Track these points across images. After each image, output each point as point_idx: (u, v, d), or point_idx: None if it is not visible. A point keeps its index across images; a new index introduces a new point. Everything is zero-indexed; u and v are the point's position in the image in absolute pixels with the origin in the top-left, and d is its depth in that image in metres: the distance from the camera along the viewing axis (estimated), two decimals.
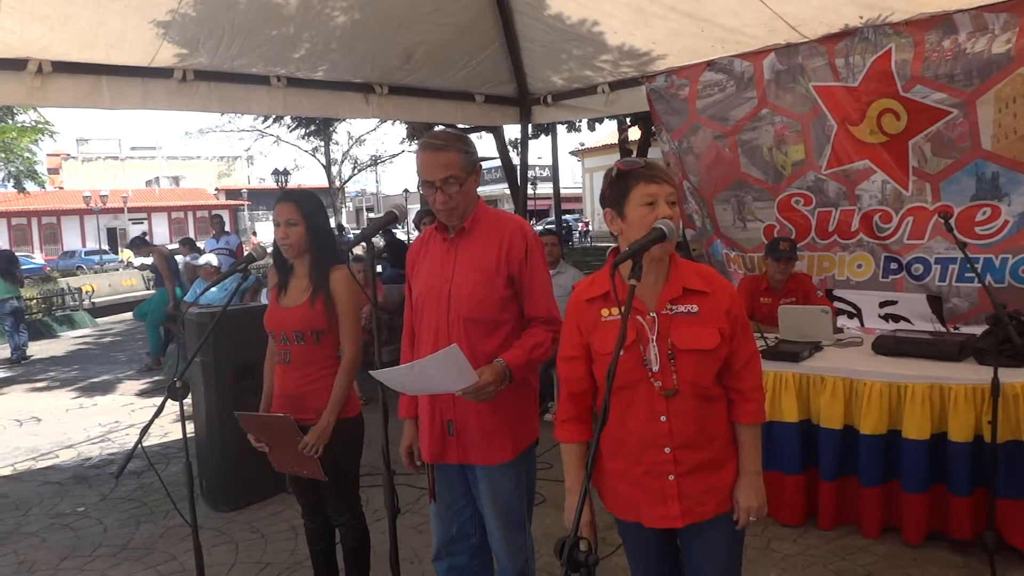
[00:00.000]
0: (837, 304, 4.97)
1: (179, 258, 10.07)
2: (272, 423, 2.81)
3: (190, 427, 4.63)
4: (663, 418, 1.96)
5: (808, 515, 3.92)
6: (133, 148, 53.96)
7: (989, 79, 4.00)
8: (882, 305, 4.83)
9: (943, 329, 4.41)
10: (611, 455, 2.05)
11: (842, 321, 4.91)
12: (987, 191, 4.23)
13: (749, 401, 2.05)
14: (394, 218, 2.37)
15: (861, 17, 4.32)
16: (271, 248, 3.04)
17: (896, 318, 4.75)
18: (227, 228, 11.86)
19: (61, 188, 46.01)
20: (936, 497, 3.56)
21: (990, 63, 3.98)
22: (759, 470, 2.06)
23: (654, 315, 1.97)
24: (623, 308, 1.67)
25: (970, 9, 3.96)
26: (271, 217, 3.13)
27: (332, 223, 4.64)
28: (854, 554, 3.59)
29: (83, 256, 35.64)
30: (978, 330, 3.91)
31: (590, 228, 39.23)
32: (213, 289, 6.74)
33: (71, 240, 41.65)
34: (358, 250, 6.17)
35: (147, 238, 10.46)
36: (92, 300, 16.59)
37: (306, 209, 2.80)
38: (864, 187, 4.71)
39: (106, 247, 38.95)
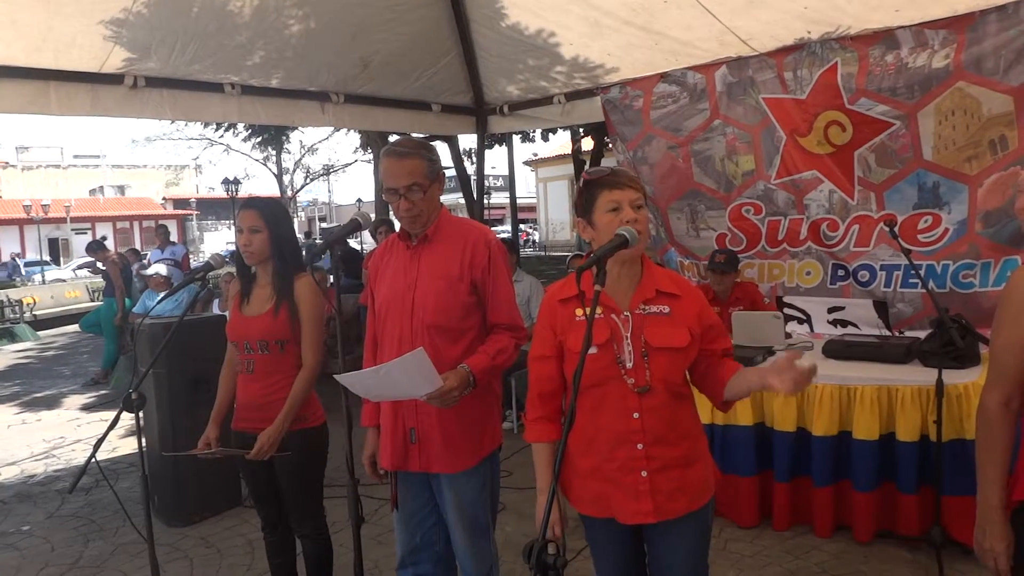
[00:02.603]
0: (787, 310, 5.09)
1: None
2: (209, 458, 2.83)
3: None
4: (636, 415, 1.99)
5: (763, 516, 4.00)
6: (76, 156, 52.29)
7: (929, 92, 4.16)
8: (830, 311, 4.96)
9: (889, 333, 4.56)
10: (582, 453, 2.07)
11: (792, 327, 5.03)
12: (928, 200, 4.38)
13: (734, 368, 2.11)
14: (358, 226, 2.37)
15: (809, 32, 4.46)
16: (226, 255, 3.02)
17: (844, 323, 4.89)
18: (174, 239, 11.61)
19: None
20: (885, 495, 3.68)
21: (930, 77, 4.13)
22: None
23: (628, 314, 2.02)
24: (587, 312, 1.70)
25: (911, 26, 4.12)
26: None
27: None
28: (808, 553, 3.68)
29: (23, 267, 34.44)
30: (922, 334, 4.06)
31: (531, 237, 39.36)
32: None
33: (10, 250, 40.23)
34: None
35: (105, 242, 10.18)
36: (34, 313, 16.07)
37: (270, 216, 2.78)
38: (812, 196, 4.84)
39: (47, 258, 37.75)
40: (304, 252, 2.88)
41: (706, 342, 2.09)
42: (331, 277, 6.71)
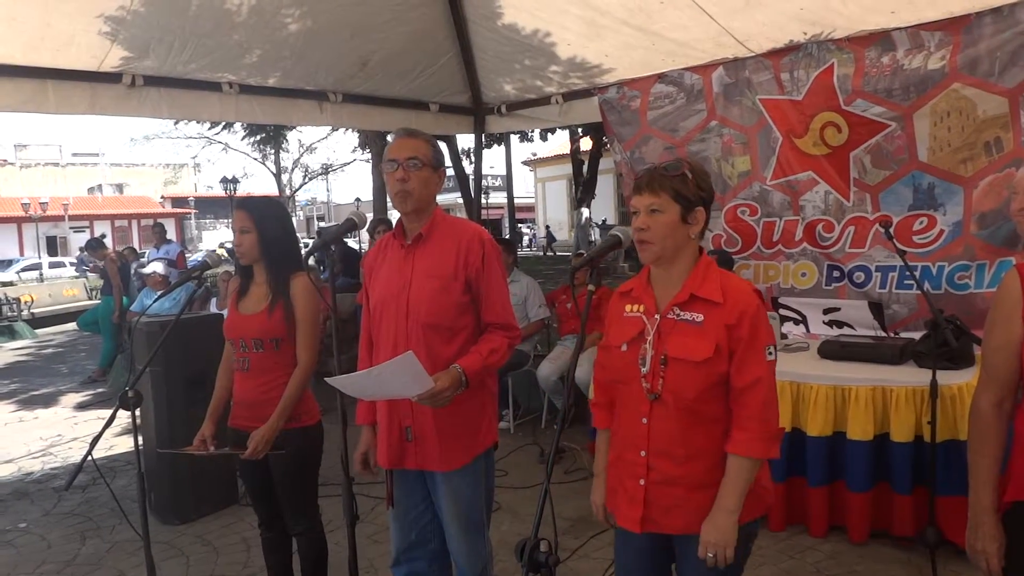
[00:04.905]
0: (782, 311, 5.10)
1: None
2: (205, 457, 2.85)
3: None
4: (644, 420, 1.95)
5: None
6: (75, 154, 52.29)
7: (925, 94, 4.17)
8: (826, 312, 4.97)
9: (884, 334, 4.57)
10: (611, 446, 2.11)
11: (787, 327, 5.04)
12: (923, 201, 4.38)
13: (742, 430, 1.89)
14: (353, 225, 2.37)
15: (805, 33, 4.47)
16: (213, 250, 3.05)
17: (839, 324, 4.90)
18: (170, 237, 11.61)
19: None
20: (879, 496, 3.69)
21: (926, 78, 4.14)
22: (733, 509, 1.86)
23: (658, 316, 1.98)
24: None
25: (907, 27, 4.13)
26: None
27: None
28: (803, 552, 3.69)
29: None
30: (917, 335, 4.07)
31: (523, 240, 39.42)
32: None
33: (8, 249, 40.19)
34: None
35: (104, 240, 10.17)
36: (31, 311, 16.05)
37: (258, 217, 2.80)
38: (807, 198, 4.84)
39: (46, 256, 37.74)
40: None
41: (733, 365, 1.88)
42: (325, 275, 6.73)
